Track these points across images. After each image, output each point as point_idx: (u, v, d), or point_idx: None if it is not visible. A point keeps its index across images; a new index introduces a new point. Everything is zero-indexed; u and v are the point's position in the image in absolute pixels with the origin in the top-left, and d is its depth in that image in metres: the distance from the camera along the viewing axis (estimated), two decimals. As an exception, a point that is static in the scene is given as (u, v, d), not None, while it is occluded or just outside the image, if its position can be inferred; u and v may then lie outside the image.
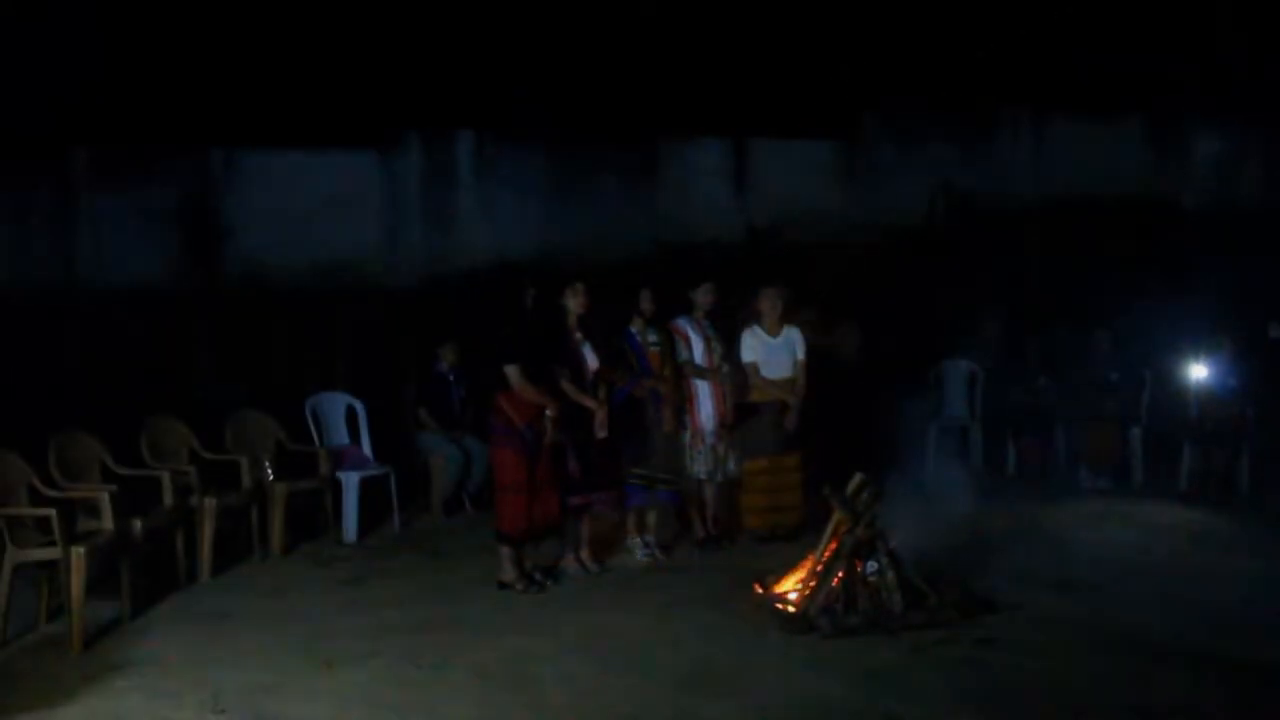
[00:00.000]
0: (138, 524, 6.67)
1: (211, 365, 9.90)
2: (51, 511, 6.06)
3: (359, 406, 9.12)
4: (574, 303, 7.29)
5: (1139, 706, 5.02)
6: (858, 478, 6.43)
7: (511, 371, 6.86)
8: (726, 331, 8.15)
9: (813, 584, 6.25)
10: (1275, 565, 7.32)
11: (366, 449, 9.00)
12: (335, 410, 9.10)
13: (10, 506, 6.18)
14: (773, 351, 8.14)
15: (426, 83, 11.28)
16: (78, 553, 6.02)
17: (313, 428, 8.86)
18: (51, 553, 6.06)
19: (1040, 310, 10.93)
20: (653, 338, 7.76)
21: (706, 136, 12.47)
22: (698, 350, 7.91)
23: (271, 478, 8.03)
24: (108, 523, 6.41)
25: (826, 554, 6.31)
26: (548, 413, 6.92)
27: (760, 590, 6.58)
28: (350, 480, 8.48)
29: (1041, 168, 13.03)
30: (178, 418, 7.96)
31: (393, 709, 5.13)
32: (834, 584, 6.14)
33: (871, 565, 6.19)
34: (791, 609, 6.20)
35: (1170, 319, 9.95)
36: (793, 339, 8.20)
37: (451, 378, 9.48)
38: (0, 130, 9.60)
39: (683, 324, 7.97)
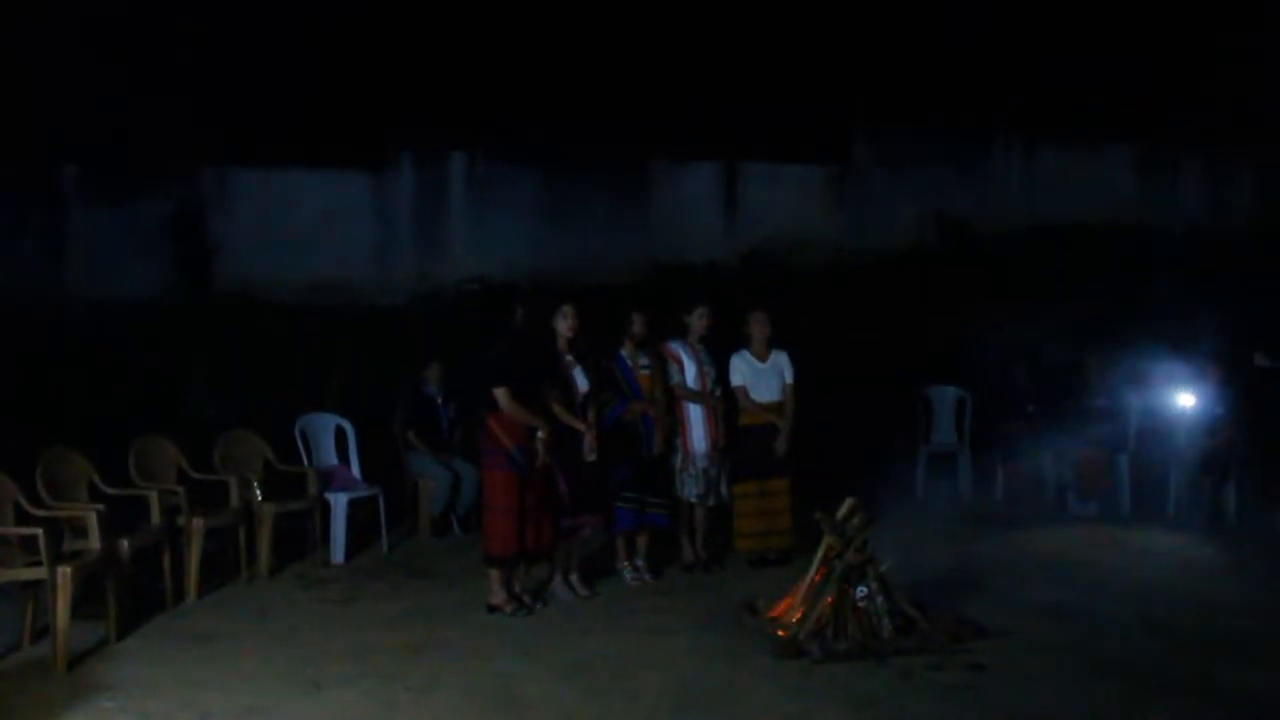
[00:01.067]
0: (125, 544, 6.64)
1: (201, 384, 9.87)
2: (38, 530, 6.00)
3: (348, 427, 9.09)
4: (564, 325, 7.28)
5: (1130, 734, 5.04)
6: (848, 502, 6.43)
7: (500, 394, 6.84)
8: (719, 355, 8.15)
9: (803, 608, 6.24)
10: (1263, 591, 7.36)
11: (355, 470, 8.97)
12: (324, 431, 9.07)
13: (-4, 525, 6.15)
14: (761, 375, 8.14)
15: (420, 103, 11.31)
16: (64, 572, 5.98)
17: (301, 448, 8.82)
18: (37, 572, 6.01)
19: (1029, 336, 10.95)
20: (644, 361, 7.75)
21: (698, 160, 12.52)
22: (690, 373, 7.91)
23: (260, 498, 7.99)
24: (95, 542, 6.37)
25: (816, 578, 6.30)
26: (539, 435, 6.90)
27: (750, 614, 6.57)
28: (339, 501, 8.45)
29: (1032, 194, 13.11)
30: (166, 437, 7.93)
31: (381, 732, 5.11)
32: (824, 609, 6.13)
33: (861, 590, 6.18)
34: (781, 633, 6.18)
35: (1158, 346, 9.98)
36: (781, 363, 8.19)
37: (439, 399, 9.47)
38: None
39: (675, 347, 7.97)
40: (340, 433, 9.09)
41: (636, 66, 11.63)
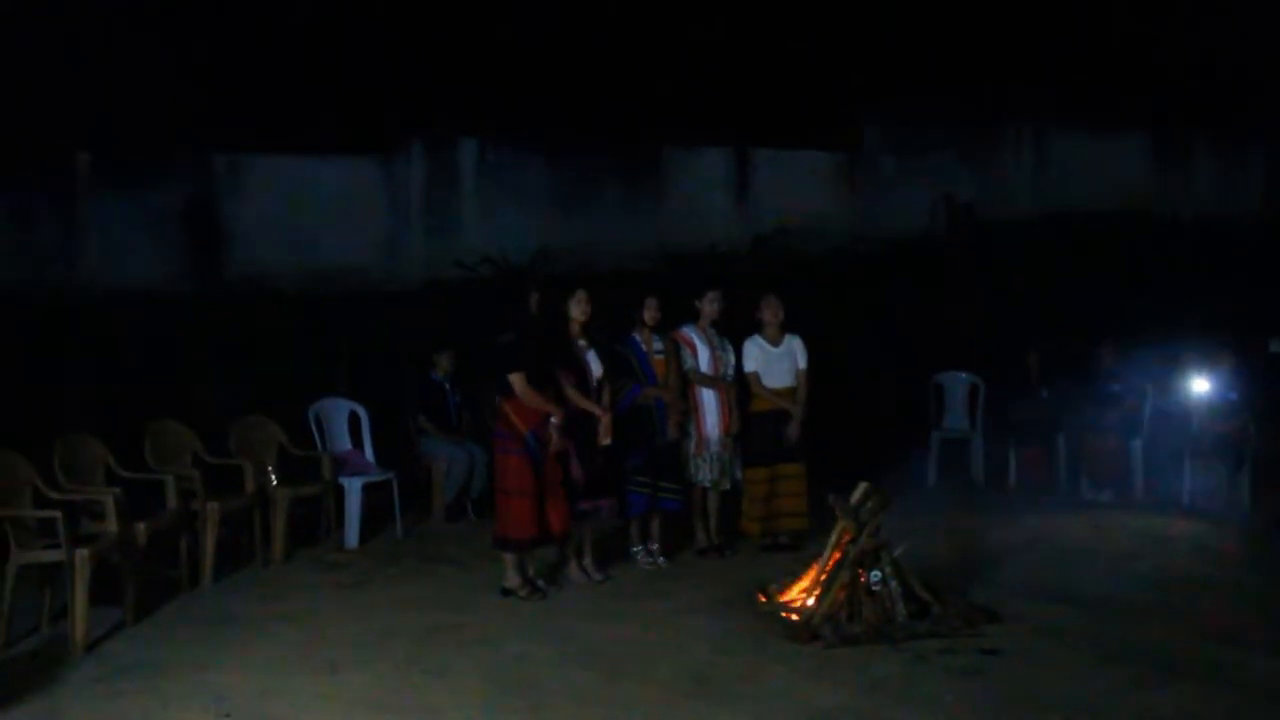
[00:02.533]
0: (141, 527, 6.67)
1: (215, 369, 9.89)
2: (57, 513, 6.06)
3: (362, 412, 9.10)
4: (577, 310, 7.28)
5: (1143, 718, 5.03)
6: (862, 487, 6.43)
7: (516, 379, 6.85)
8: (732, 341, 8.14)
9: (816, 593, 6.25)
10: (1276, 578, 7.34)
11: (369, 455, 8.98)
12: (338, 415, 9.08)
13: (14, 508, 6.17)
14: (774, 360, 8.10)
15: (430, 90, 11.33)
16: (82, 555, 6.03)
17: (315, 433, 8.84)
18: (55, 555, 6.06)
19: (1041, 322, 10.93)
20: (657, 345, 7.75)
21: (709, 146, 12.53)
22: (704, 358, 7.90)
23: (274, 483, 8.02)
24: (111, 525, 6.41)
25: (830, 563, 6.31)
26: (553, 419, 6.91)
27: (764, 599, 6.58)
28: (353, 485, 8.47)
29: (1043, 181, 13.10)
30: (181, 422, 7.96)
31: (396, 714, 5.13)
32: (838, 593, 6.14)
33: (875, 575, 6.18)
34: (795, 618, 6.20)
35: (1172, 332, 9.96)
36: (795, 348, 8.15)
37: (447, 385, 9.47)
38: (5, 135, 9.62)
39: (688, 331, 7.96)
40: (354, 418, 9.11)
41: (648, 53, 11.64)
